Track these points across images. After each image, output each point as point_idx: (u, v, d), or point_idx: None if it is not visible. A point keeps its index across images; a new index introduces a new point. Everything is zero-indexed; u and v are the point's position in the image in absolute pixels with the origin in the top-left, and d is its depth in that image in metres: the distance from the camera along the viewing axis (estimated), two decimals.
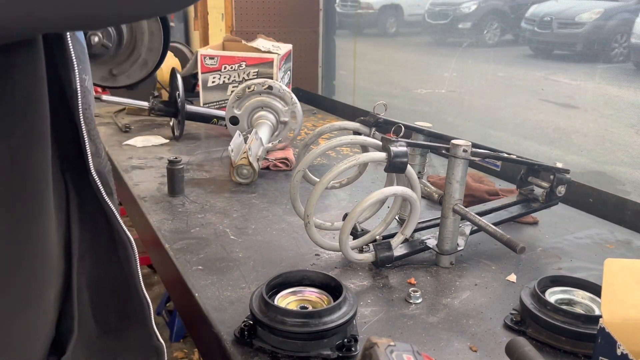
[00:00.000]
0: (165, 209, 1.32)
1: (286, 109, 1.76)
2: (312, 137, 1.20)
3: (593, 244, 1.22)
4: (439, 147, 1.08)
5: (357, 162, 0.98)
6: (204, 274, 1.01)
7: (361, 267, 1.06)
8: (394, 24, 2.86)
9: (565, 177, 1.20)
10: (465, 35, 2.21)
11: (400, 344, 0.55)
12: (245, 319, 0.81)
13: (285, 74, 2.33)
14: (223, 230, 1.21)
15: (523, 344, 0.66)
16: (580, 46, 1.84)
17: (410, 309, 0.92)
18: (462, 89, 2.17)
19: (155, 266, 1.40)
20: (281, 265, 1.06)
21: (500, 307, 0.93)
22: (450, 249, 1.06)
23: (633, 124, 1.56)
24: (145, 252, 3.01)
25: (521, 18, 2.01)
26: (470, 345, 0.83)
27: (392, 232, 1.09)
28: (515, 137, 1.95)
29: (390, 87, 2.70)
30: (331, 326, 0.76)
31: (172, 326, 2.75)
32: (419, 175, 1.18)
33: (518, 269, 1.07)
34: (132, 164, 1.66)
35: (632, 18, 1.65)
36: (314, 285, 0.88)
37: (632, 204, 1.32)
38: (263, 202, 1.38)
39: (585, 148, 1.70)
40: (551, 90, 1.81)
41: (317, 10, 2.96)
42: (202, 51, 2.17)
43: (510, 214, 1.22)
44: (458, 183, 1.03)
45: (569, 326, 0.81)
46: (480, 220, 1.03)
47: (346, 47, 2.98)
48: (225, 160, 1.72)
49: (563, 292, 0.90)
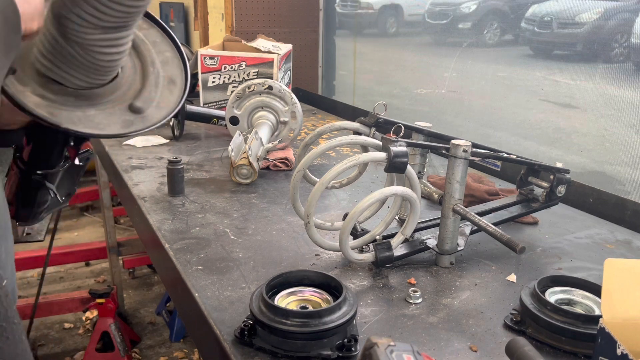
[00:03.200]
0: (165, 209, 1.32)
1: (286, 109, 1.76)
2: (312, 137, 1.20)
3: (593, 244, 1.22)
4: (439, 147, 1.08)
5: (357, 162, 0.98)
6: (204, 274, 1.01)
7: (361, 267, 1.06)
8: (394, 24, 2.86)
9: (565, 177, 1.20)
10: (465, 35, 2.21)
11: (400, 344, 0.55)
12: (245, 319, 0.81)
13: (285, 74, 2.33)
14: (223, 230, 1.21)
15: (523, 344, 0.66)
16: (580, 46, 1.84)
17: (410, 309, 0.92)
18: (462, 89, 2.17)
19: (155, 266, 1.40)
20: (281, 265, 1.06)
21: (500, 307, 0.93)
22: (450, 249, 1.06)
23: (633, 124, 1.56)
24: (145, 252, 3.00)
25: (521, 18, 2.01)
26: (470, 345, 0.83)
27: (392, 232, 1.09)
28: (515, 137, 1.95)
29: (390, 87, 2.70)
30: (331, 326, 0.76)
31: (172, 326, 2.75)
32: (419, 175, 1.18)
33: (518, 269, 1.07)
34: (132, 164, 1.66)
35: (632, 18, 1.65)
36: (314, 285, 0.88)
37: (632, 204, 1.32)
38: (263, 202, 1.38)
39: (585, 148, 1.70)
40: (551, 90, 1.81)
41: (317, 10, 2.96)
42: (202, 51, 2.17)
43: (510, 214, 1.22)
44: (458, 183, 1.03)
45: (569, 326, 0.81)
46: (480, 220, 1.03)
47: (346, 47, 2.98)
48: (225, 160, 1.72)
49: (563, 292, 0.90)
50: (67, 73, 0.70)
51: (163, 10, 4.69)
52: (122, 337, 2.50)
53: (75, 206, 4.06)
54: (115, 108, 0.78)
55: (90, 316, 2.84)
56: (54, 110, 0.72)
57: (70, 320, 2.90)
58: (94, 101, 0.75)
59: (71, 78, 0.71)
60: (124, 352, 2.47)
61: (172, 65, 0.85)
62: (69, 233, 3.82)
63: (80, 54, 0.68)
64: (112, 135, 0.77)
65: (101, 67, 0.71)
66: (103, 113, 0.76)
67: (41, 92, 0.71)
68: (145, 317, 2.95)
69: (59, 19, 0.66)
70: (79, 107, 0.74)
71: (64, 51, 0.68)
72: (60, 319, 2.86)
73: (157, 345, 2.72)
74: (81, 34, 0.66)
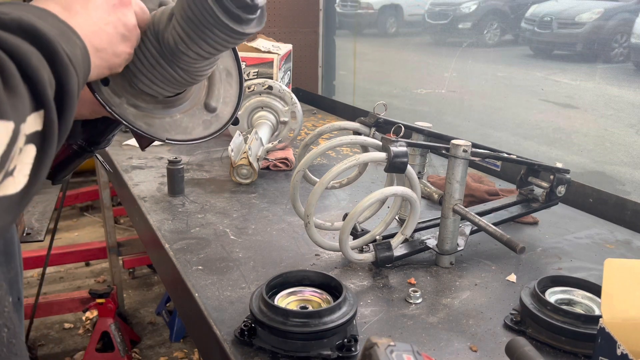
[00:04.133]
0: (165, 209, 1.32)
1: (286, 109, 1.76)
2: (312, 137, 1.20)
3: (593, 244, 1.22)
4: (439, 147, 1.08)
5: (357, 162, 0.98)
6: (204, 274, 1.01)
7: (361, 267, 1.06)
8: (394, 24, 2.86)
9: (565, 177, 1.20)
10: (465, 35, 2.21)
11: (400, 344, 0.55)
12: (245, 319, 0.81)
13: (285, 74, 2.33)
14: (223, 230, 1.21)
15: (523, 344, 0.66)
16: (580, 46, 1.84)
17: (410, 309, 0.92)
18: (462, 89, 2.17)
19: (155, 266, 1.40)
20: (281, 265, 1.06)
21: (500, 307, 0.93)
22: (450, 249, 1.06)
23: (633, 124, 1.56)
24: (145, 252, 2.99)
25: (521, 18, 2.01)
26: (470, 345, 0.83)
27: (392, 232, 1.09)
28: (515, 137, 1.95)
29: (390, 87, 2.70)
30: (331, 326, 0.76)
31: (172, 326, 2.75)
32: (419, 175, 1.18)
33: (518, 269, 1.07)
34: (132, 164, 1.66)
35: (632, 18, 1.65)
36: (314, 285, 0.88)
37: (632, 204, 1.32)
38: (263, 202, 1.38)
39: (585, 148, 1.70)
40: (551, 90, 1.81)
41: (317, 10, 2.95)
42: None
43: (510, 214, 1.22)
44: (458, 183, 1.03)
45: (569, 326, 0.81)
46: (480, 220, 1.03)
47: (346, 47, 2.98)
48: (225, 160, 1.72)
49: (563, 292, 0.90)
50: (164, 89, 0.72)
51: None
52: (122, 337, 2.50)
53: (75, 206, 4.06)
54: (195, 109, 0.78)
55: (90, 316, 2.84)
56: (148, 120, 0.74)
57: (70, 320, 2.90)
58: (178, 105, 0.77)
59: (167, 92, 0.73)
60: (124, 352, 2.47)
61: (225, 55, 0.80)
62: (69, 233, 3.82)
63: (183, 77, 0.70)
64: (200, 138, 0.78)
65: (197, 82, 0.73)
66: (186, 115, 0.77)
67: (134, 102, 0.73)
68: (145, 317, 2.95)
69: (171, 52, 0.66)
70: (168, 114, 0.76)
71: (166, 73, 0.69)
72: (60, 319, 2.86)
73: (157, 345, 2.72)
74: (192, 64, 0.68)
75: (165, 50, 0.67)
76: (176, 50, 0.66)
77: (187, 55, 0.66)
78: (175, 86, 0.72)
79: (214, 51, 0.66)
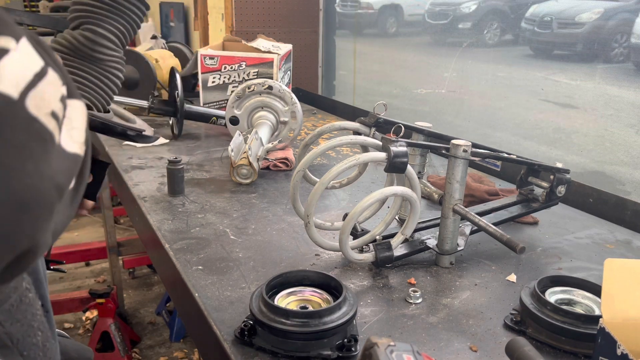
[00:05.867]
0: (165, 209, 1.32)
1: (286, 109, 1.76)
2: (312, 137, 1.20)
3: (593, 244, 1.22)
4: (439, 147, 1.08)
5: (357, 162, 0.98)
6: (204, 274, 1.01)
7: (361, 267, 1.06)
8: (394, 24, 2.86)
9: (565, 177, 1.20)
10: (465, 35, 2.21)
11: (400, 344, 0.55)
12: (245, 319, 0.81)
13: (285, 74, 2.33)
14: (223, 230, 1.21)
15: (523, 344, 0.66)
16: (580, 46, 1.84)
17: (410, 309, 0.92)
18: (462, 89, 2.17)
19: (155, 266, 1.40)
20: (281, 265, 1.06)
21: (500, 307, 0.93)
22: (450, 249, 1.06)
23: (633, 124, 1.56)
24: (145, 252, 2.99)
25: (521, 18, 2.01)
26: (470, 345, 0.83)
27: (392, 232, 1.09)
28: (515, 137, 1.95)
29: (390, 87, 2.70)
30: (331, 326, 0.76)
31: (172, 326, 2.75)
32: (419, 175, 1.18)
33: (518, 269, 1.07)
34: (132, 164, 1.66)
35: (632, 18, 1.65)
36: (314, 285, 0.88)
37: (632, 204, 1.32)
38: (263, 202, 1.38)
39: (585, 148, 1.70)
40: (551, 90, 1.81)
41: (317, 10, 2.96)
42: (202, 51, 2.17)
43: (510, 214, 1.22)
44: (458, 183, 1.03)
45: (569, 326, 0.81)
46: (480, 220, 1.03)
47: (346, 47, 2.98)
48: (225, 160, 1.72)
49: (563, 292, 0.90)
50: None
51: (163, 10, 4.69)
52: (122, 337, 2.50)
53: None
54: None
55: (90, 316, 2.84)
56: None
57: (70, 320, 2.90)
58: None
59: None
60: (123, 352, 2.47)
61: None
62: (69, 233, 3.82)
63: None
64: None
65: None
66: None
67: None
68: (145, 317, 2.95)
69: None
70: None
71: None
72: (60, 319, 2.86)
73: (157, 345, 2.73)
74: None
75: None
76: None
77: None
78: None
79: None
